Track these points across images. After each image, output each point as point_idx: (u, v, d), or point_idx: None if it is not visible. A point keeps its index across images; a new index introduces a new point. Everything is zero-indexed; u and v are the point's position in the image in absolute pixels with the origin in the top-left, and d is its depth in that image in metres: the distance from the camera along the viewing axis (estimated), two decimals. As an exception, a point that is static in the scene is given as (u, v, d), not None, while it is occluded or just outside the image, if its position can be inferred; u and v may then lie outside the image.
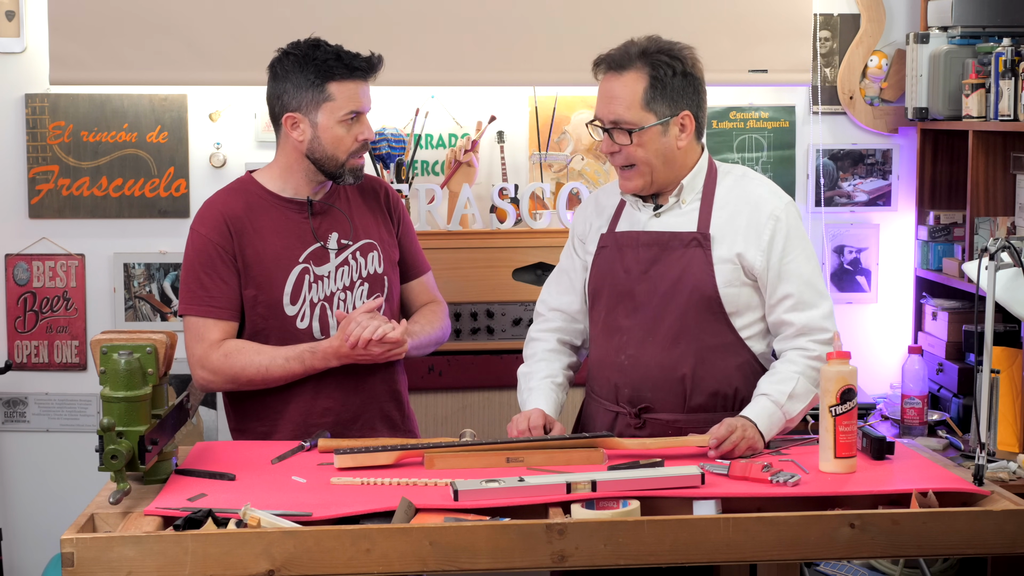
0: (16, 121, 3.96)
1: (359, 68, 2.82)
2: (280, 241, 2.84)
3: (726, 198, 2.72)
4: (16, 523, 4.07)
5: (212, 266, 2.82)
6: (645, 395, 2.70)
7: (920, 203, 4.07)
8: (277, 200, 2.88)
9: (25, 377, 4.02)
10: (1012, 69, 3.41)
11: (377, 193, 3.00)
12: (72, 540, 2.04)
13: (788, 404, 2.60)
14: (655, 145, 2.66)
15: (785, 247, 2.67)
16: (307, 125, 2.82)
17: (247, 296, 2.83)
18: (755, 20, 3.96)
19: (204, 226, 2.84)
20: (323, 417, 2.83)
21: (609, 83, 2.68)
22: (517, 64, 3.90)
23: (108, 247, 4.01)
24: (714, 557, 2.15)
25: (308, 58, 2.81)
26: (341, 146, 2.82)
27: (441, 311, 3.04)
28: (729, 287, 2.67)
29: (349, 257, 2.89)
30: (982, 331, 2.47)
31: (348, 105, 2.81)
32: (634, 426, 2.71)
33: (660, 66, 2.66)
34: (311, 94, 2.80)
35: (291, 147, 2.86)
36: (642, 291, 2.69)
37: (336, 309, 2.86)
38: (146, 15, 3.82)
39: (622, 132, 2.65)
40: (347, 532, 2.09)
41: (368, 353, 2.76)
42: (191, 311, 2.83)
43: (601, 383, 2.78)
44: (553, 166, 4.01)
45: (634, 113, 2.65)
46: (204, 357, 2.81)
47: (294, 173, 2.87)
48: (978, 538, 2.18)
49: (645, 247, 2.71)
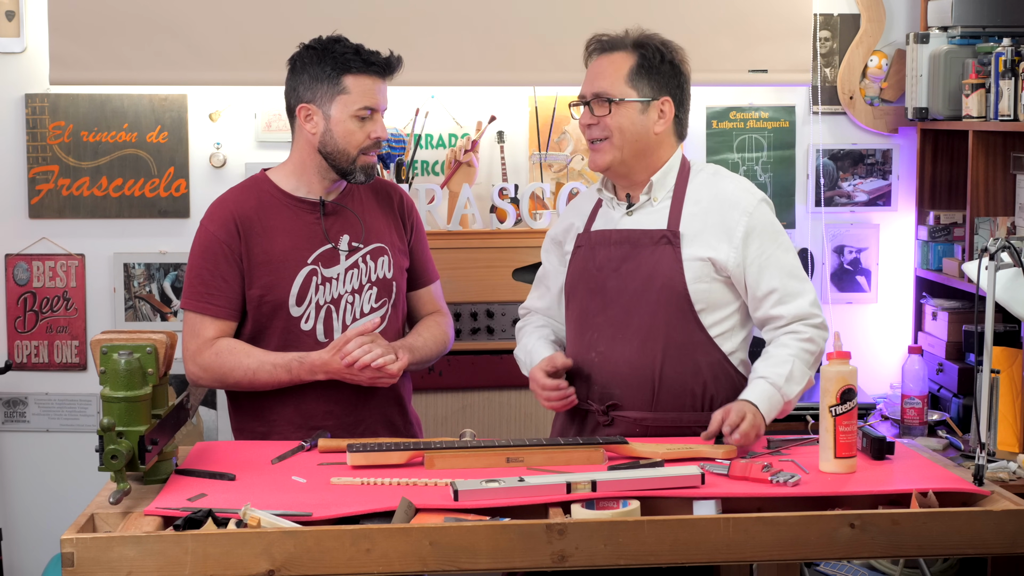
0: (16, 121, 3.96)
1: (376, 64, 2.83)
2: (290, 241, 2.84)
3: (697, 196, 2.73)
4: (16, 523, 4.07)
5: (216, 263, 2.82)
6: (614, 392, 2.71)
7: (920, 203, 4.07)
8: (289, 199, 2.87)
9: (25, 377, 4.02)
10: (1012, 69, 3.41)
11: (391, 198, 3.00)
12: (72, 540, 2.04)
13: (786, 387, 2.60)
14: (631, 122, 2.69)
15: (761, 243, 2.68)
16: (320, 117, 2.82)
17: (252, 295, 2.83)
18: (755, 20, 3.96)
19: (213, 223, 2.84)
20: (325, 420, 2.83)
21: (597, 62, 2.75)
22: (517, 64, 3.90)
23: (108, 247, 4.01)
24: (714, 557, 2.15)
25: (327, 51, 2.81)
26: (352, 141, 2.81)
27: (445, 324, 3.03)
28: (698, 283, 2.67)
29: (359, 260, 2.89)
30: (982, 331, 2.47)
31: (362, 100, 2.81)
32: (603, 423, 2.72)
33: (649, 50, 2.73)
34: (326, 86, 2.80)
35: (304, 141, 2.85)
36: (613, 288, 2.71)
37: (343, 312, 2.86)
38: (146, 15, 3.82)
39: (601, 103, 2.70)
40: (347, 532, 2.08)
41: (357, 376, 2.76)
42: (190, 306, 2.83)
43: (574, 380, 2.78)
44: (553, 166, 4.01)
45: (617, 87, 2.70)
46: (196, 353, 2.82)
47: (307, 170, 2.87)
48: (978, 538, 2.18)
49: (617, 245, 2.74)
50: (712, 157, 4.10)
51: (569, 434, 2.79)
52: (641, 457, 2.49)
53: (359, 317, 2.87)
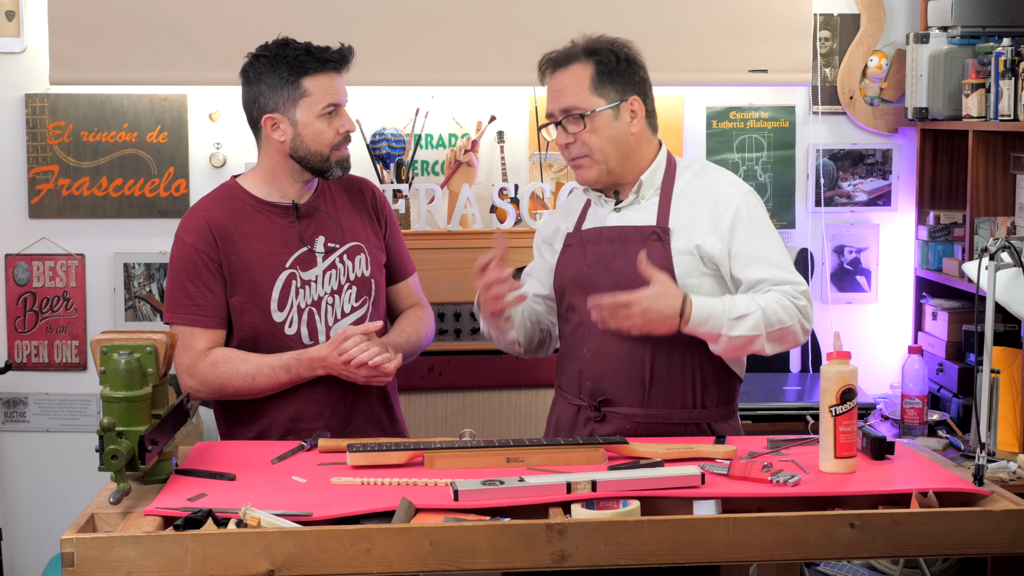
0: (16, 121, 3.96)
1: (331, 60, 2.81)
2: (266, 247, 2.83)
3: (685, 192, 2.74)
4: (16, 523, 4.07)
5: (197, 274, 2.80)
6: (605, 388, 2.72)
7: (920, 203, 4.07)
8: (262, 205, 2.86)
9: (25, 377, 4.02)
10: (1012, 69, 3.41)
11: (363, 194, 2.98)
12: (72, 540, 2.04)
13: (736, 323, 2.57)
14: (608, 131, 2.70)
15: (748, 234, 2.67)
16: (287, 124, 2.80)
17: (234, 303, 2.82)
18: (755, 20, 3.96)
19: (189, 234, 2.82)
20: (313, 422, 2.82)
21: (556, 78, 2.74)
22: (517, 64, 3.90)
23: (108, 247, 4.01)
24: (714, 557, 2.15)
25: (279, 57, 2.79)
26: (323, 140, 2.81)
27: (426, 316, 3.02)
28: (688, 278, 2.67)
29: (336, 260, 2.88)
30: (982, 331, 2.47)
31: (325, 98, 2.80)
32: (594, 419, 2.73)
33: (602, 54, 2.72)
34: (287, 92, 2.79)
35: (273, 149, 2.84)
36: (604, 285, 2.70)
37: (324, 314, 2.85)
38: (146, 15, 3.82)
39: (573, 119, 2.69)
40: (347, 532, 2.08)
41: (353, 374, 2.76)
42: (177, 319, 2.81)
43: (566, 377, 2.80)
44: (553, 166, 4.01)
45: (584, 98, 2.69)
46: (192, 367, 2.80)
47: (279, 176, 2.86)
48: (978, 538, 2.18)
49: (607, 242, 2.74)
50: (712, 157, 4.10)
51: (563, 430, 2.80)
52: (641, 457, 2.49)
53: (340, 318, 2.87)
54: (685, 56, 3.92)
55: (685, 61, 3.92)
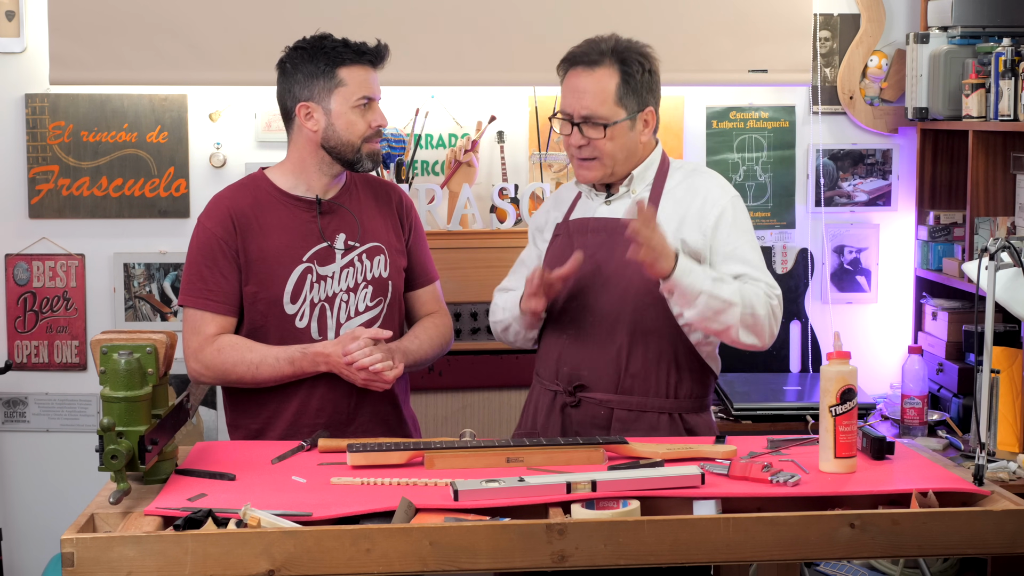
0: (16, 121, 3.96)
1: (367, 53, 2.85)
2: (285, 239, 2.84)
3: (675, 190, 2.80)
4: (16, 523, 4.07)
5: (213, 260, 2.82)
6: (582, 374, 2.76)
7: (920, 203, 4.07)
8: (286, 198, 2.88)
9: (25, 377, 4.03)
10: (1012, 69, 3.41)
11: (390, 197, 3.00)
12: (72, 540, 2.04)
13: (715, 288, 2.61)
14: (623, 139, 2.74)
15: (730, 233, 2.73)
16: (321, 113, 2.83)
17: (247, 292, 2.83)
18: (755, 20, 3.96)
19: (210, 220, 2.86)
20: (317, 418, 2.83)
21: (580, 78, 2.74)
22: (517, 64, 3.90)
23: (108, 247, 4.01)
24: (714, 557, 2.15)
25: (317, 48, 2.83)
26: (355, 131, 2.83)
27: (444, 325, 3.03)
28: None
29: (355, 259, 2.89)
30: (982, 331, 2.47)
31: (360, 90, 2.83)
32: (569, 404, 2.76)
33: (631, 63, 2.73)
34: (323, 82, 2.82)
35: (304, 140, 2.86)
36: (587, 274, 2.75)
37: (337, 310, 2.86)
38: (146, 15, 3.82)
39: (594, 127, 2.72)
40: (347, 532, 2.09)
41: (353, 375, 2.77)
42: (189, 303, 2.84)
43: (545, 362, 2.84)
44: (553, 166, 4.01)
45: (608, 108, 2.72)
46: (199, 350, 2.82)
47: (307, 168, 2.88)
48: (978, 538, 2.18)
49: (594, 232, 2.79)
50: (712, 157, 4.10)
51: (540, 416, 2.83)
52: (641, 457, 2.49)
53: (353, 316, 2.87)
54: (685, 56, 3.92)
55: (685, 61, 3.92)
